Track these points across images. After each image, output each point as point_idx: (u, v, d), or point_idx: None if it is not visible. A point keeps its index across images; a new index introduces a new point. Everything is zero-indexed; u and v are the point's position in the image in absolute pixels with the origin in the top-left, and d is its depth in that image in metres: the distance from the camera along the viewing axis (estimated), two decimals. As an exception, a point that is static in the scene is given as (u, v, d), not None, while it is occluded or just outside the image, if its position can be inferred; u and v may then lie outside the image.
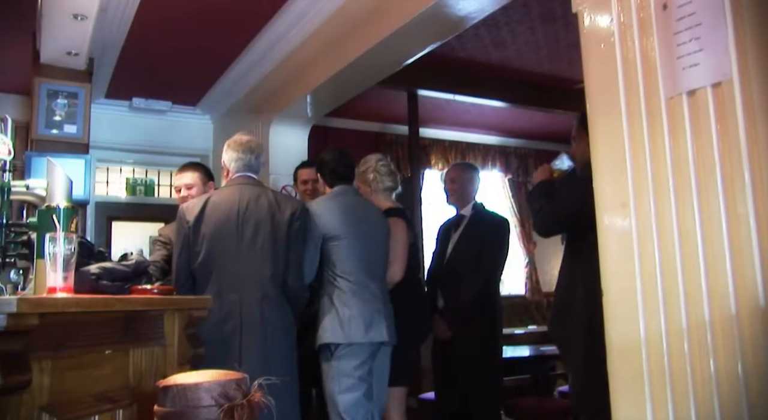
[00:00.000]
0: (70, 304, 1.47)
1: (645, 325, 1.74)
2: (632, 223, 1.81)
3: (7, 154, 1.78)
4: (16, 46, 4.65)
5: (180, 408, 1.38)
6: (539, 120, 6.84)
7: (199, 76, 5.44)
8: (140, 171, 6.65)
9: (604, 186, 1.93)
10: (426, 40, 3.58)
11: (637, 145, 1.81)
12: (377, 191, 3.32)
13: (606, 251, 1.90)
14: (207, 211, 2.81)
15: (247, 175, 2.96)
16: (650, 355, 1.72)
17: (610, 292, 1.88)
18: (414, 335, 3.22)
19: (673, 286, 1.68)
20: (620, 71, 1.85)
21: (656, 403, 1.70)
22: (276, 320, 2.77)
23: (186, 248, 2.79)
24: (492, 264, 3.49)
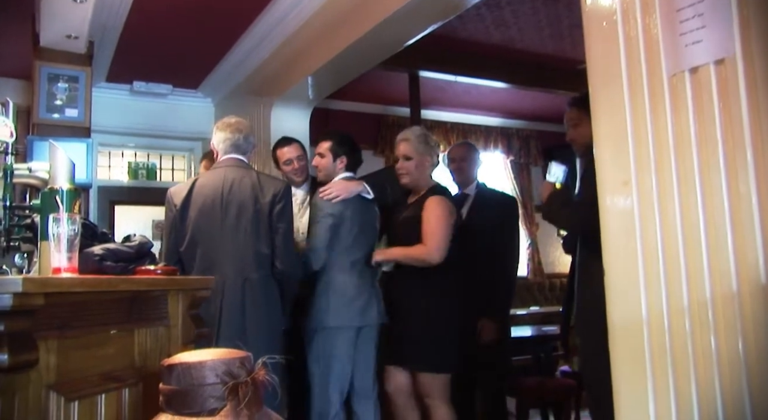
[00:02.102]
0: (75, 284, 1.48)
1: (646, 303, 1.75)
2: (634, 201, 1.81)
3: (9, 136, 1.78)
4: (16, 30, 4.63)
5: (185, 386, 1.40)
6: (541, 101, 6.81)
7: (200, 58, 5.42)
8: (142, 155, 6.65)
9: (605, 165, 1.93)
10: (427, 21, 3.55)
11: (639, 123, 1.80)
12: (429, 166, 3.13)
13: (607, 230, 1.90)
14: (193, 194, 2.85)
15: (234, 157, 2.97)
16: (651, 333, 1.73)
17: (611, 272, 1.89)
18: (457, 319, 3.04)
19: (674, 265, 1.69)
20: (622, 49, 1.84)
21: (657, 381, 1.71)
22: (258, 302, 2.80)
23: (174, 231, 2.84)
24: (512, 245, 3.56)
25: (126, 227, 5.91)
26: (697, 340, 1.63)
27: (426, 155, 3.08)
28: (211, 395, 1.37)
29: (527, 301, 7.03)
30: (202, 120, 6.31)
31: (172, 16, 4.48)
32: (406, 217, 3.07)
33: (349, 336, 2.92)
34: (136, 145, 6.50)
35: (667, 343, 1.69)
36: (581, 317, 2.68)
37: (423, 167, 3.08)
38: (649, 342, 1.74)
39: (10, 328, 1.24)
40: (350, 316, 2.92)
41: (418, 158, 3.06)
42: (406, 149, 3.08)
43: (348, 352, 2.92)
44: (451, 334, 2.96)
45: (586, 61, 2.00)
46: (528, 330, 4.82)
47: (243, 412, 1.36)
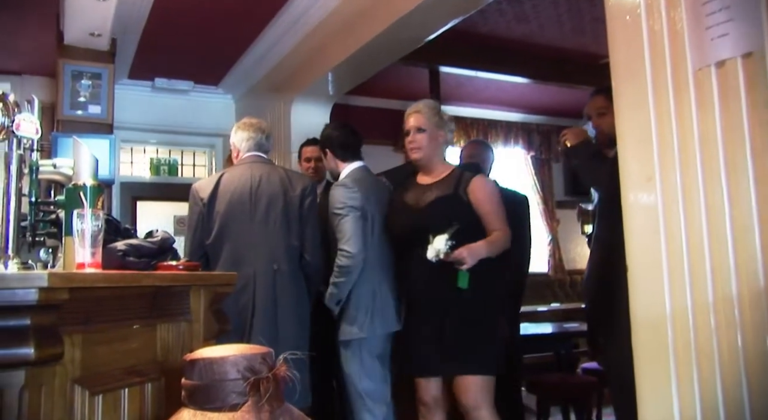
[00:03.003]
0: (99, 279, 1.49)
1: (670, 299, 1.73)
2: (658, 197, 1.79)
3: (35, 133, 1.80)
4: (41, 29, 4.69)
5: (207, 381, 1.40)
6: (562, 96, 6.75)
7: (221, 55, 5.44)
8: (163, 151, 6.70)
9: (629, 160, 1.90)
10: (448, 16, 3.54)
11: (664, 119, 1.78)
12: (443, 143, 2.84)
13: (631, 226, 1.88)
14: (220, 188, 2.89)
15: (257, 154, 3.02)
16: (676, 330, 1.71)
17: (635, 267, 1.87)
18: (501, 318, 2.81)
19: (699, 261, 1.66)
20: (646, 44, 1.82)
21: (681, 379, 1.69)
22: (288, 293, 2.88)
23: (200, 225, 2.87)
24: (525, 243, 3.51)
25: (148, 223, 5.96)
26: (722, 337, 1.60)
27: (439, 129, 2.80)
28: (232, 390, 1.38)
29: (547, 298, 6.99)
30: (222, 116, 6.34)
31: (193, 13, 4.51)
32: (440, 197, 2.71)
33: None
34: (157, 142, 6.56)
35: (692, 340, 1.67)
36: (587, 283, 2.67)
37: (436, 142, 2.80)
38: (673, 339, 1.72)
39: (36, 322, 1.25)
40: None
41: (431, 131, 2.78)
42: (418, 121, 2.80)
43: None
44: (495, 328, 2.66)
45: (609, 55, 1.98)
46: (548, 327, 4.79)
47: (264, 408, 1.37)
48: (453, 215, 2.59)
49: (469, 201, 2.65)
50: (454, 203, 2.66)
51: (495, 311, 2.67)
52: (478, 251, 2.52)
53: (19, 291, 1.22)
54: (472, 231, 2.60)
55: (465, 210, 2.65)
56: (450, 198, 2.68)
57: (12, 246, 1.69)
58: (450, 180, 2.74)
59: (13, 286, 1.22)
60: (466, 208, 2.65)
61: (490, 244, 2.58)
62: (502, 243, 2.62)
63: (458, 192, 2.67)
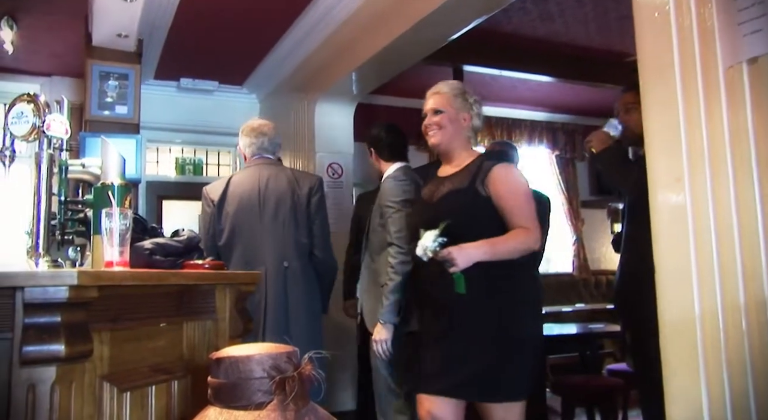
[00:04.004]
0: (127, 278, 1.51)
1: (700, 301, 1.70)
2: (687, 198, 1.76)
3: (65, 133, 1.83)
4: (70, 31, 4.76)
5: (233, 379, 1.41)
6: (587, 95, 6.68)
7: (245, 55, 5.48)
8: (189, 150, 6.75)
9: (657, 160, 1.88)
10: (472, 15, 3.52)
11: (693, 117, 1.75)
12: (467, 127, 2.47)
13: (659, 226, 1.86)
14: (229, 190, 2.97)
15: (264, 157, 3.07)
16: (705, 331, 1.68)
17: (662, 268, 1.84)
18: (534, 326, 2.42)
19: (730, 262, 1.64)
20: (675, 40, 1.79)
21: (711, 381, 1.66)
22: (300, 290, 2.95)
23: (212, 226, 2.92)
24: None
25: (173, 222, 6.01)
26: (754, 339, 1.57)
27: (462, 111, 2.43)
28: (258, 389, 1.38)
29: (572, 298, 6.93)
30: (247, 116, 6.30)
31: (217, 13, 4.54)
32: (453, 191, 2.34)
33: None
34: (182, 141, 6.62)
35: (722, 342, 1.64)
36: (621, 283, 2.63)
37: (458, 125, 2.42)
38: (703, 340, 1.69)
39: (67, 319, 1.27)
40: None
41: (451, 113, 2.41)
42: (437, 102, 2.44)
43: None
44: (529, 346, 2.26)
45: (637, 53, 1.95)
46: (573, 327, 4.75)
47: (290, 407, 1.37)
48: (467, 211, 2.27)
49: (488, 194, 2.26)
50: (470, 197, 2.28)
51: (518, 320, 2.24)
52: (471, 253, 2.13)
53: (50, 288, 1.24)
54: (495, 230, 2.23)
55: (483, 205, 2.27)
56: (465, 191, 2.30)
57: (43, 244, 1.72)
58: (469, 170, 2.36)
59: (44, 283, 1.24)
60: (484, 202, 2.27)
61: (492, 246, 2.18)
62: (517, 243, 2.21)
63: (475, 184, 2.29)
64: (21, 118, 1.77)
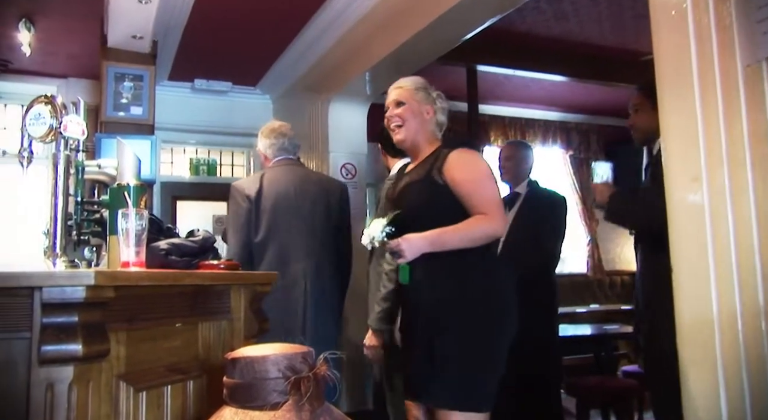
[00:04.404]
0: (143, 278, 1.51)
1: (718, 302, 1.68)
2: (704, 197, 1.74)
3: (81, 134, 1.84)
4: (86, 33, 4.80)
5: (248, 380, 1.42)
6: (602, 94, 6.65)
7: (259, 56, 5.50)
8: (203, 151, 6.78)
9: (674, 160, 1.86)
10: (486, 14, 3.51)
11: (711, 117, 1.73)
12: (431, 120, 2.35)
13: (675, 227, 1.84)
14: (264, 187, 2.94)
15: (288, 157, 3.11)
16: (724, 333, 1.67)
17: (680, 270, 1.82)
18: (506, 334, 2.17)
19: (749, 263, 1.62)
20: (692, 39, 1.78)
21: (730, 383, 1.65)
22: (329, 291, 3.02)
23: (248, 223, 2.90)
24: (550, 242, 3.45)
25: (188, 222, 6.04)
26: (773, 342, 1.56)
27: (425, 104, 2.32)
28: (273, 389, 1.39)
29: (587, 299, 6.89)
30: (260, 117, 6.38)
31: (231, 14, 4.56)
32: (410, 184, 2.25)
33: None
34: (197, 142, 6.64)
35: (741, 344, 1.63)
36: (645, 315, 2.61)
37: (421, 118, 2.30)
38: (721, 342, 1.67)
39: (84, 319, 1.28)
40: None
41: (414, 105, 2.31)
42: (399, 94, 2.35)
43: None
44: (496, 358, 2.09)
45: (654, 52, 1.94)
46: (587, 328, 4.72)
47: (305, 407, 1.37)
48: (425, 202, 2.16)
49: (445, 182, 2.13)
50: (426, 187, 2.16)
51: (487, 330, 2.06)
52: (416, 243, 2.04)
53: (67, 288, 1.24)
54: (459, 219, 2.09)
55: (441, 194, 2.13)
56: (421, 182, 2.19)
57: (60, 244, 1.73)
58: (427, 161, 2.25)
59: (62, 283, 1.25)
60: (442, 191, 2.13)
61: (439, 236, 2.05)
62: (471, 231, 2.06)
63: (431, 174, 2.16)
64: (38, 119, 1.79)
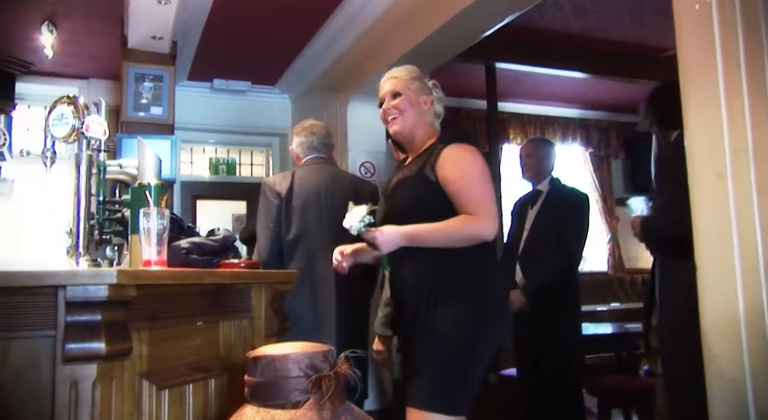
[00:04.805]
0: (164, 277, 1.52)
1: (744, 299, 1.66)
2: (729, 194, 1.72)
3: (103, 134, 1.86)
4: (107, 34, 4.85)
5: (269, 378, 1.42)
6: (622, 91, 6.58)
7: (278, 55, 5.51)
8: (222, 150, 6.83)
9: (698, 157, 1.84)
10: (504, 11, 3.49)
11: (736, 113, 1.71)
12: (428, 111, 2.24)
13: (699, 224, 1.82)
14: (296, 185, 2.93)
15: (319, 156, 3.10)
16: (750, 330, 1.64)
17: (704, 267, 1.80)
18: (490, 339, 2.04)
19: (775, 260, 1.59)
20: (717, 34, 1.75)
21: (757, 381, 1.62)
22: (360, 286, 2.97)
23: (278, 220, 2.91)
24: (573, 240, 3.42)
25: (207, 221, 6.09)
26: (801, 342, 1.53)
27: (422, 94, 2.22)
28: (295, 388, 1.39)
29: (607, 298, 6.84)
30: (280, 116, 6.43)
31: (250, 14, 4.58)
32: (402, 180, 2.15)
33: None
34: (216, 141, 6.69)
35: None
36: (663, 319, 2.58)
37: (419, 108, 2.19)
38: (748, 339, 1.65)
39: (107, 317, 1.29)
40: None
41: (411, 95, 2.20)
42: (394, 85, 2.23)
43: None
44: (478, 360, 1.99)
45: (677, 48, 1.91)
46: (608, 327, 4.68)
47: (326, 406, 1.37)
48: (417, 200, 2.06)
49: (437, 179, 2.03)
50: (418, 184, 2.06)
51: (471, 326, 1.95)
52: (394, 238, 1.98)
53: (90, 287, 1.25)
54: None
55: (433, 192, 2.03)
56: (413, 179, 2.09)
57: (83, 243, 1.75)
58: (422, 156, 2.14)
59: (85, 282, 1.26)
60: (434, 189, 2.03)
61: (416, 231, 1.97)
62: (452, 231, 1.96)
63: (424, 170, 2.06)
64: (61, 120, 1.80)
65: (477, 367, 1.98)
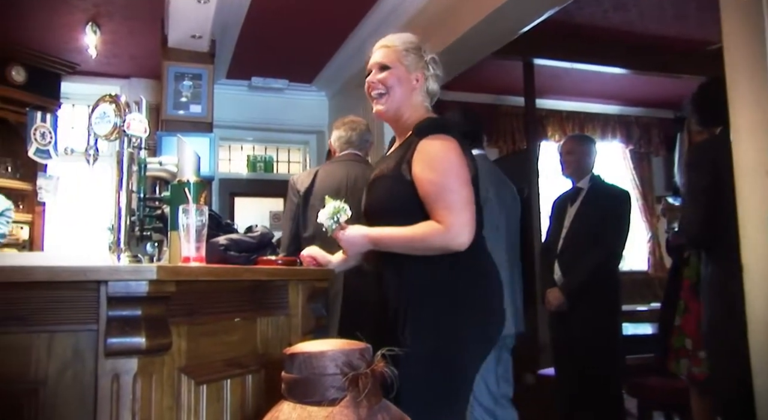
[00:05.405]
0: (203, 273, 1.54)
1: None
2: (778, 192, 1.66)
3: (143, 132, 1.88)
4: (147, 34, 4.94)
5: (306, 375, 1.42)
6: (663, 86, 6.45)
7: (315, 53, 5.54)
8: (260, 148, 6.90)
9: (744, 153, 1.79)
10: (543, 7, 3.45)
11: (785, 107, 1.65)
12: (420, 90, 1.98)
13: (746, 223, 1.76)
14: (316, 183, 2.94)
15: (353, 153, 3.07)
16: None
17: (751, 268, 1.75)
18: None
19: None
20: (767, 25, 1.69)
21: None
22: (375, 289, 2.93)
23: (296, 217, 2.92)
24: (614, 238, 3.36)
25: (245, 218, 6.15)
26: None
27: (415, 70, 1.94)
28: (331, 385, 1.39)
29: (647, 297, 6.70)
30: (317, 113, 6.46)
31: (287, 12, 4.61)
32: (378, 177, 1.94)
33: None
34: (254, 139, 6.76)
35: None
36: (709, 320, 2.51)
37: (408, 86, 1.93)
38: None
39: (147, 313, 1.30)
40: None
41: (402, 70, 1.93)
42: (385, 56, 1.96)
43: None
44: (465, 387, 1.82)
45: (723, 41, 1.86)
46: (648, 327, 4.58)
47: (363, 403, 1.37)
48: (391, 201, 1.87)
49: (412, 178, 1.80)
50: (393, 184, 1.85)
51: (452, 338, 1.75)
52: (358, 240, 1.87)
53: (131, 283, 1.27)
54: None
55: (409, 193, 1.80)
56: (388, 178, 1.87)
57: (124, 239, 1.77)
58: (403, 146, 1.91)
59: (126, 278, 1.28)
60: (409, 189, 1.80)
61: (378, 237, 1.83)
62: (412, 239, 1.76)
63: (401, 168, 1.83)
64: (104, 118, 1.83)
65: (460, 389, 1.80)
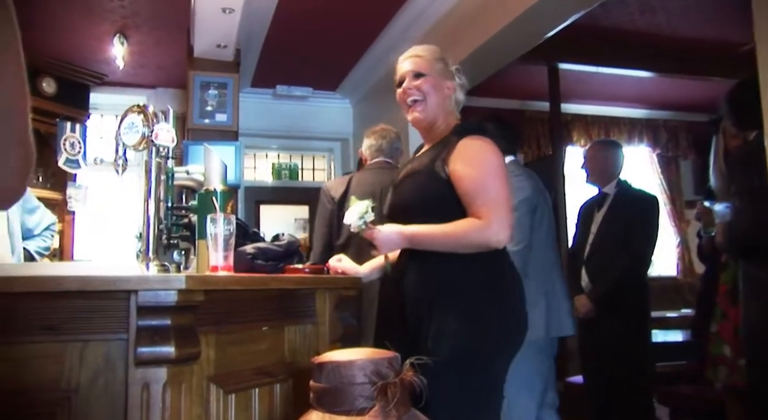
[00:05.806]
0: (231, 282, 1.54)
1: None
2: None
3: (171, 141, 1.90)
4: (173, 45, 5.00)
5: (335, 384, 1.41)
6: (691, 89, 6.36)
7: (339, 60, 5.56)
8: (284, 156, 6.93)
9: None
10: (569, 10, 3.42)
11: (822, 109, 1.61)
12: (451, 98, 2.05)
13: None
14: (350, 190, 2.94)
15: (384, 160, 3.08)
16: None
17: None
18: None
19: None
20: (801, 27, 1.66)
21: None
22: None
23: (329, 224, 2.92)
24: (642, 244, 3.31)
25: (271, 226, 6.18)
26: None
27: (446, 79, 2.01)
28: (360, 394, 1.38)
29: (677, 304, 6.59)
30: (341, 121, 6.48)
31: (311, 20, 4.63)
32: (410, 173, 1.96)
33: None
34: (279, 147, 6.80)
35: None
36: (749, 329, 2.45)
37: (442, 94, 1.99)
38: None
39: (176, 322, 1.31)
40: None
41: (435, 77, 1.99)
42: (417, 64, 2.01)
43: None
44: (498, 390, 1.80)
45: (756, 41, 1.82)
46: (679, 334, 4.51)
47: (392, 413, 1.35)
48: (424, 197, 1.87)
49: (448, 176, 1.82)
50: (427, 180, 1.87)
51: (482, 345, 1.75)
52: (394, 239, 1.85)
53: (161, 292, 1.28)
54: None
55: (443, 190, 1.83)
56: (421, 173, 1.90)
57: (152, 248, 1.78)
58: (437, 147, 1.93)
59: (155, 287, 1.28)
60: (444, 186, 1.82)
61: (414, 235, 1.82)
62: (454, 236, 1.77)
63: (434, 164, 1.85)
64: (132, 128, 1.85)
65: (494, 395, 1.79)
